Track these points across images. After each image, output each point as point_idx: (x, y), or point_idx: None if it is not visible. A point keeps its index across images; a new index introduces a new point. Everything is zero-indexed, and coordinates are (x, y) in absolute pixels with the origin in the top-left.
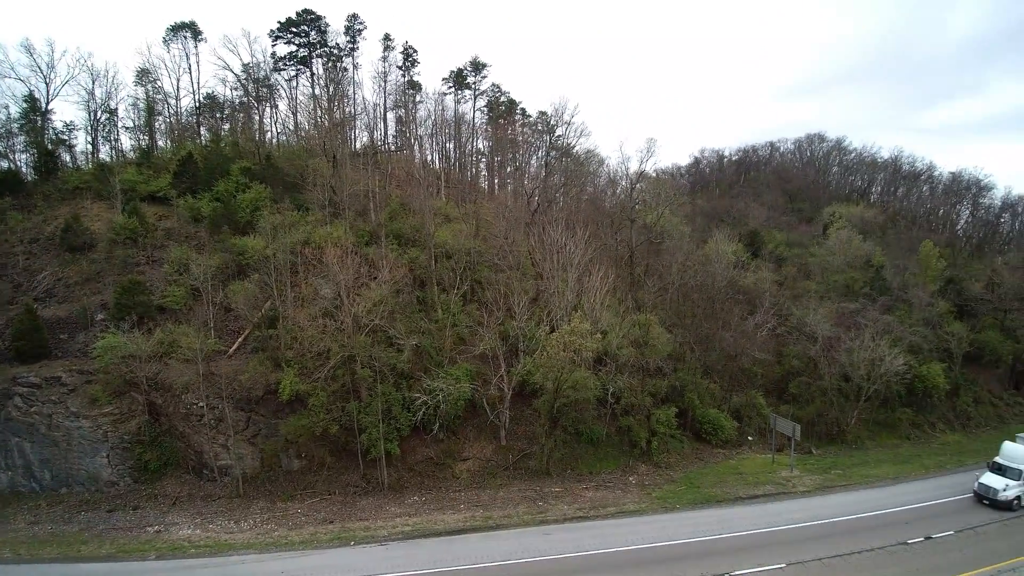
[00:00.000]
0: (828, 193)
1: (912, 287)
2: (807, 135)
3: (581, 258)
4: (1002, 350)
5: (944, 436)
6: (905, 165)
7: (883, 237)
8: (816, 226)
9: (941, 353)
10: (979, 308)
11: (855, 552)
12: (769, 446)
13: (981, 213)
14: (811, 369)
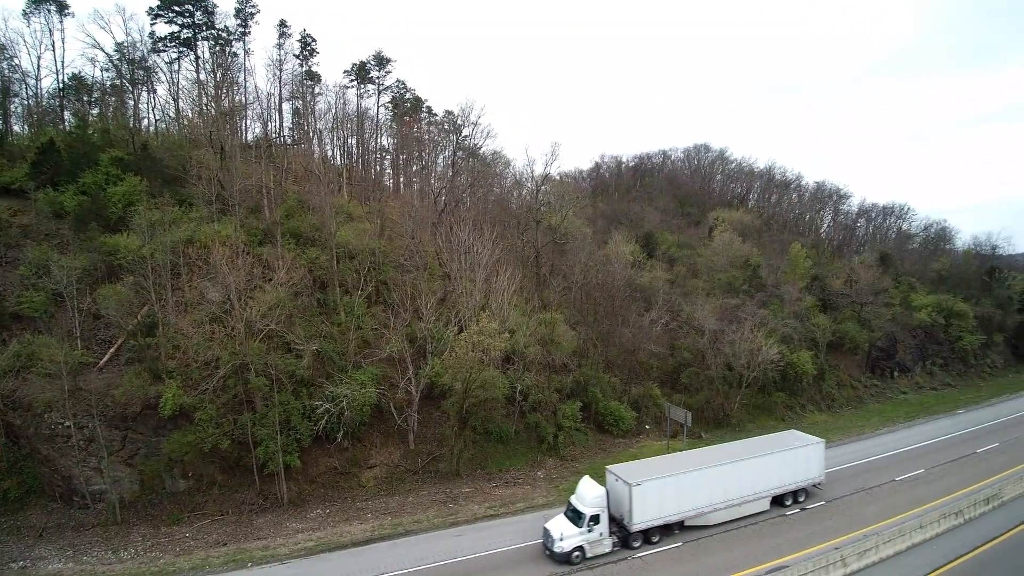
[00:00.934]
0: (713, 199)
1: (784, 284)
2: (695, 145)
3: (489, 258)
4: (859, 338)
5: (812, 416)
6: (777, 175)
7: (759, 239)
8: (703, 229)
9: (809, 342)
10: (840, 302)
11: (742, 526)
12: (664, 433)
13: (841, 218)
14: (700, 360)
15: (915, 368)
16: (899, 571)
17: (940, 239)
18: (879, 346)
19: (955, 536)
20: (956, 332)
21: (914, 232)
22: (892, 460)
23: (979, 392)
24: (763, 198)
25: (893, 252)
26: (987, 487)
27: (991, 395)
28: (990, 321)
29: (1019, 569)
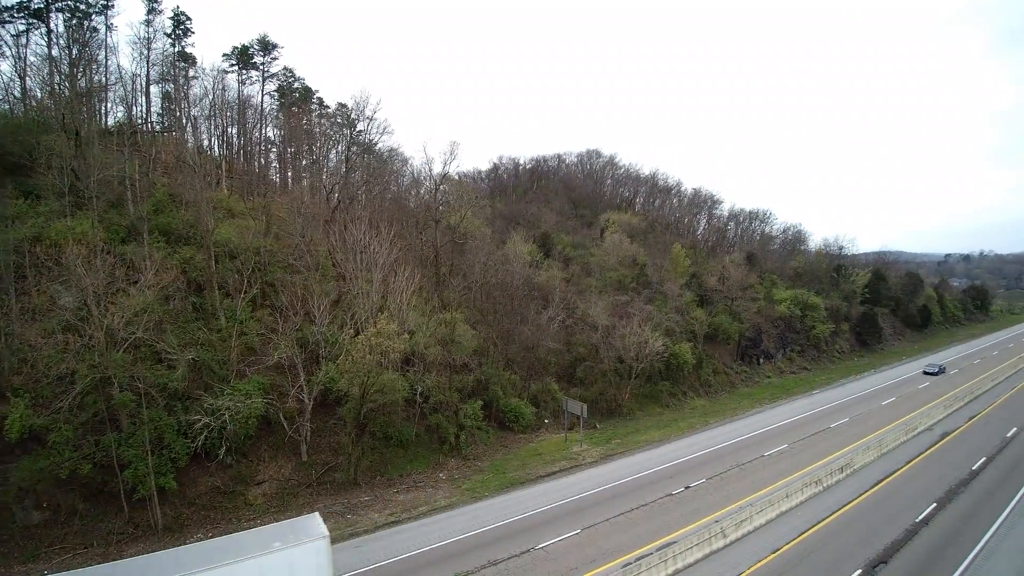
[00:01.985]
0: (604, 202)
1: (667, 281)
2: (587, 150)
3: (386, 258)
4: (731, 330)
5: (693, 402)
6: (660, 181)
7: (646, 240)
8: (595, 230)
9: (688, 334)
10: (714, 297)
11: (634, 508)
12: (562, 426)
13: (714, 222)
14: (594, 354)
15: (777, 355)
16: (770, 537)
17: (796, 240)
18: (747, 336)
19: (816, 502)
20: (810, 322)
21: (775, 234)
22: (761, 438)
23: (830, 374)
24: (648, 202)
25: (758, 252)
26: (841, 457)
27: (840, 376)
28: (838, 312)
29: (870, 528)
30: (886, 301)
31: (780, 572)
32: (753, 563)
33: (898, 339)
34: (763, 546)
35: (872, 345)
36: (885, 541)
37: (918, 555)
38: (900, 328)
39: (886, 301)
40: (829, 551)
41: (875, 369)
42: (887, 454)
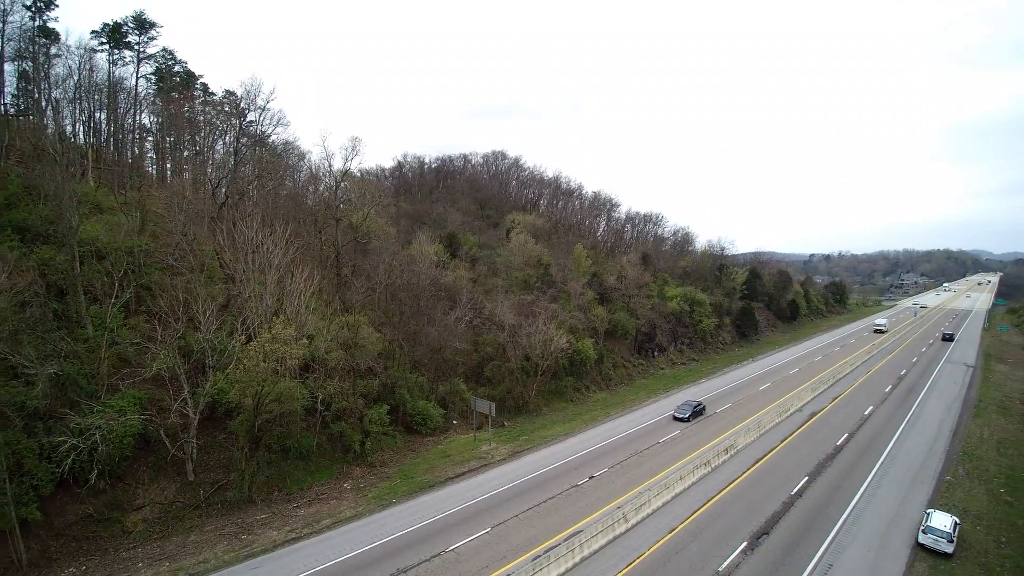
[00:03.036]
0: (510, 203)
1: (570, 281)
2: (493, 151)
3: (282, 259)
4: (629, 326)
5: (595, 395)
6: (564, 184)
7: (549, 241)
8: (501, 230)
9: (590, 331)
10: (613, 295)
11: (543, 502)
12: (471, 426)
13: (613, 224)
14: (501, 353)
15: (670, 348)
16: (667, 518)
17: (685, 242)
18: (643, 331)
19: (706, 482)
20: (698, 317)
21: (667, 236)
22: (656, 426)
23: (715, 364)
24: (552, 204)
25: (652, 253)
26: (726, 440)
27: (724, 365)
28: (721, 307)
29: (753, 503)
30: (761, 296)
31: (676, 550)
32: (652, 544)
33: (772, 330)
34: (661, 526)
35: (750, 336)
36: (766, 514)
37: (795, 524)
38: (773, 320)
39: (761, 296)
40: (718, 526)
41: (753, 358)
42: (765, 434)
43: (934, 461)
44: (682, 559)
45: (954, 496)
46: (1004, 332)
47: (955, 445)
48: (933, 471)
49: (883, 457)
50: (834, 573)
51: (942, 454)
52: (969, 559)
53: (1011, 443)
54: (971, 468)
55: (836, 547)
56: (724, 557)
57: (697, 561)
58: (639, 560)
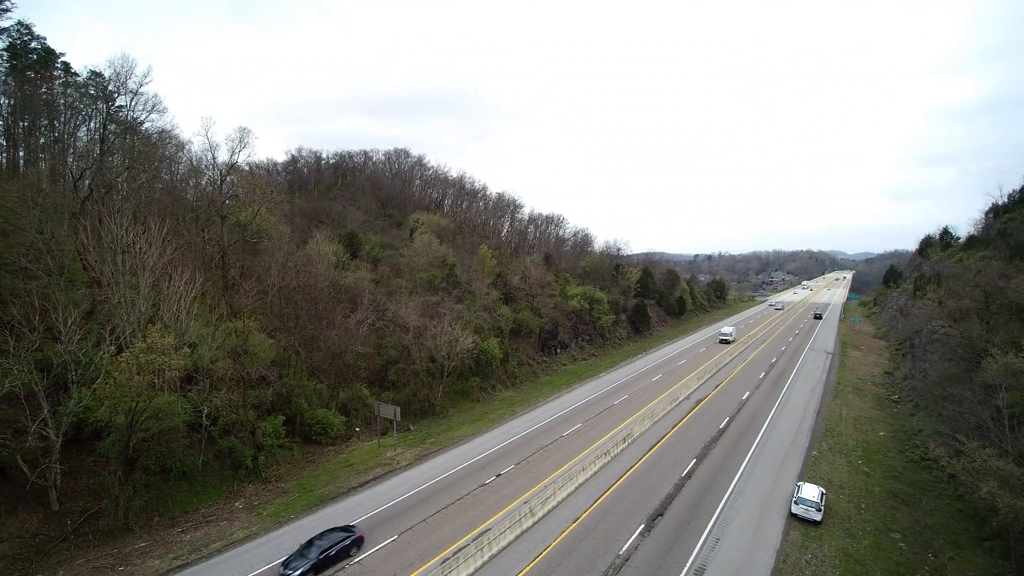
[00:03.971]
0: (413, 202)
1: (475, 281)
2: (395, 149)
3: (157, 259)
4: (533, 324)
5: (501, 394)
6: (468, 184)
7: (454, 241)
8: (404, 230)
9: (496, 330)
10: (517, 295)
11: (450, 504)
12: (375, 432)
13: (517, 225)
14: (406, 356)
15: (571, 344)
16: (571, 509)
17: (585, 243)
18: (547, 329)
19: (607, 471)
20: (597, 314)
21: (567, 237)
22: (560, 420)
23: (613, 359)
24: (456, 204)
25: (554, 253)
26: (623, 429)
27: (620, 360)
28: (617, 304)
29: (649, 487)
30: (653, 294)
31: (580, 538)
32: (558, 535)
33: (662, 325)
34: (566, 517)
35: (644, 331)
36: (660, 496)
37: (686, 504)
38: (663, 316)
39: (653, 294)
40: (618, 512)
41: (646, 352)
42: (658, 422)
43: (802, 438)
44: (586, 546)
45: (820, 469)
46: (857, 323)
47: (819, 423)
48: (802, 447)
49: (759, 437)
50: (721, 546)
51: (808, 432)
52: (835, 525)
53: (865, 420)
54: (833, 443)
55: (722, 522)
56: (624, 540)
57: (600, 547)
58: (546, 552)
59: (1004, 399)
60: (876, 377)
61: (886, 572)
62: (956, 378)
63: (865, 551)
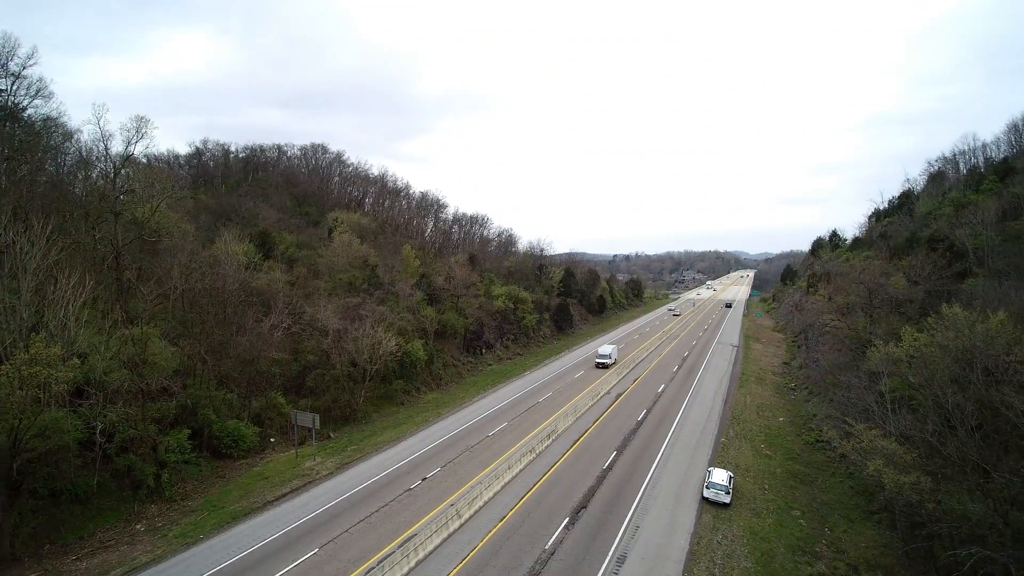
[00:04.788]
0: (332, 200)
1: (398, 282)
2: (312, 144)
3: (42, 261)
4: (458, 325)
5: (426, 396)
6: (390, 182)
7: (376, 241)
8: (322, 229)
9: (420, 332)
10: (442, 295)
11: (375, 511)
12: (292, 442)
13: (441, 224)
14: (325, 361)
15: (496, 344)
16: (498, 508)
17: (509, 243)
18: (472, 329)
19: (532, 468)
20: (521, 314)
21: (492, 237)
22: (486, 420)
23: (537, 357)
24: (378, 202)
25: (478, 253)
26: (548, 426)
27: (545, 358)
28: (541, 304)
29: (573, 481)
30: (575, 293)
31: (507, 537)
32: (485, 535)
33: (584, 323)
34: (493, 516)
35: (566, 330)
36: (583, 490)
37: (607, 496)
38: (585, 314)
39: (575, 293)
40: (544, 508)
41: (569, 349)
42: (581, 417)
43: (712, 426)
44: (512, 544)
45: (728, 454)
46: (759, 318)
47: (727, 412)
48: (712, 435)
49: (673, 427)
50: (641, 533)
51: (717, 420)
52: (742, 505)
53: (767, 407)
54: (739, 430)
55: (641, 510)
56: (550, 535)
57: (526, 544)
58: (473, 553)
59: (886, 385)
60: (776, 367)
61: (788, 547)
62: (844, 366)
63: (769, 528)
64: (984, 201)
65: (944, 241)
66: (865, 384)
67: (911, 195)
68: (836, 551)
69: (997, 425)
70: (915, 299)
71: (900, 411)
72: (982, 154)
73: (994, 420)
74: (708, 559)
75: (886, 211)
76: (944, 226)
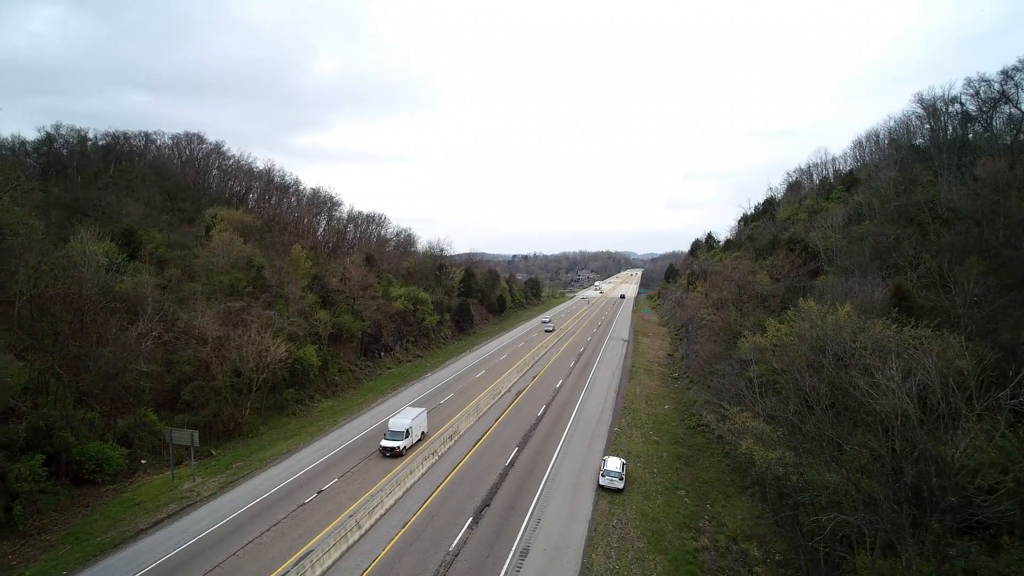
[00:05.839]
0: (210, 195)
1: (287, 284)
2: (186, 133)
3: None
4: (354, 328)
5: (321, 404)
6: (277, 177)
7: (262, 240)
8: (199, 227)
9: (313, 336)
10: (337, 297)
11: (266, 530)
12: (168, 463)
13: (335, 223)
14: (203, 372)
15: (396, 347)
16: (401, 514)
17: (408, 243)
18: (369, 332)
19: (435, 470)
20: (421, 315)
21: (390, 237)
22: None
23: (439, 358)
24: (263, 199)
25: (376, 253)
26: (450, 427)
27: (446, 359)
28: (442, 304)
29: (476, 480)
30: (476, 293)
31: (410, 543)
32: (387, 543)
33: (485, 323)
34: (395, 523)
35: (467, 330)
36: (487, 487)
37: (510, 492)
38: (486, 314)
39: (476, 293)
40: (447, 510)
41: (470, 349)
42: (483, 416)
43: (606, 417)
44: (416, 550)
45: (621, 443)
46: (646, 313)
47: (619, 403)
48: (606, 425)
49: (571, 420)
50: (542, 525)
51: (611, 411)
52: (634, 489)
53: (654, 396)
54: (630, 419)
55: (542, 502)
56: (454, 536)
57: (430, 547)
58: (375, 563)
59: (754, 371)
60: (661, 359)
61: (675, 525)
62: (719, 356)
63: (659, 509)
64: (833, 208)
65: (800, 243)
66: (737, 371)
67: (773, 202)
68: (716, 525)
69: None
70: (777, 294)
71: (766, 394)
72: (832, 167)
73: (844, 399)
74: (605, 543)
75: (752, 216)
76: (800, 230)
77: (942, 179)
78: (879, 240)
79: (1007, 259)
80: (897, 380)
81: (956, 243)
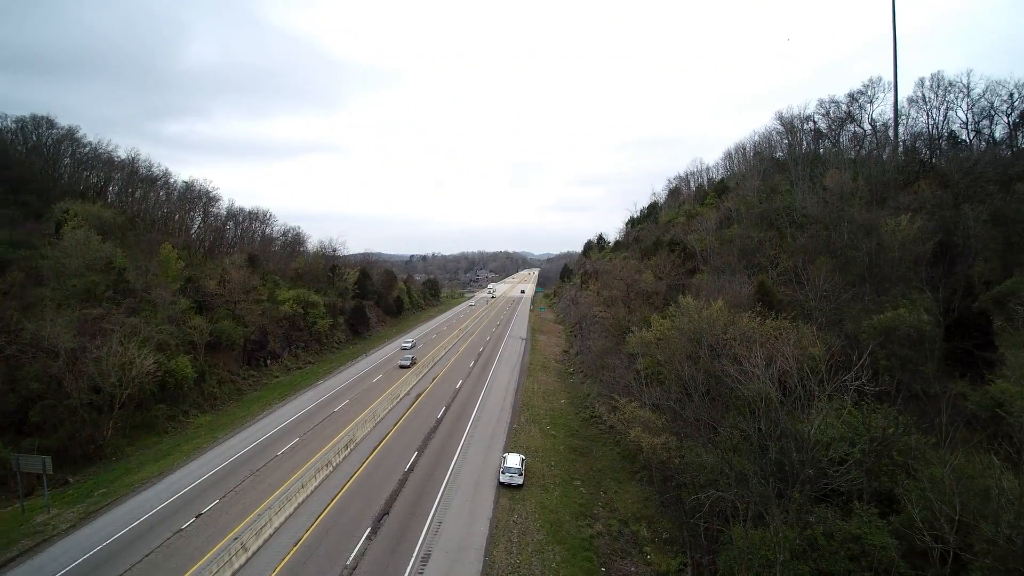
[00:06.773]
0: (60, 187)
1: (156, 287)
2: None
3: None
4: (235, 335)
5: (198, 419)
6: (143, 168)
7: (124, 239)
8: (47, 224)
9: (187, 345)
10: (215, 302)
11: (134, 564)
12: (16, 494)
13: (211, 220)
14: (55, 389)
15: (284, 353)
16: (292, 531)
17: (296, 242)
18: (253, 339)
19: (330, 482)
20: (312, 319)
21: (276, 236)
22: (273, 438)
23: (332, 364)
24: (126, 192)
25: (260, 253)
26: (345, 436)
27: (340, 364)
28: (335, 307)
29: (374, 488)
30: (371, 295)
31: (304, 560)
32: (278, 563)
33: (382, 325)
34: (287, 542)
35: (363, 333)
36: (385, 495)
37: (410, 497)
38: (383, 316)
39: (371, 295)
40: (344, 522)
41: (366, 353)
42: (381, 422)
43: (506, 415)
44: (311, 567)
45: (520, 439)
46: (542, 312)
47: (518, 399)
48: (506, 423)
49: (472, 419)
50: (443, 528)
51: (511, 408)
52: (533, 484)
53: (551, 392)
54: (529, 415)
55: (443, 505)
56: (351, 549)
57: (325, 564)
58: None
59: (641, 364)
60: (558, 356)
61: (572, 514)
62: (610, 351)
63: (556, 500)
64: (707, 213)
65: (680, 244)
66: (626, 364)
67: (656, 206)
68: (610, 511)
69: (720, 390)
70: (661, 292)
71: (652, 385)
72: (706, 175)
73: (718, 386)
74: (506, 539)
75: (638, 219)
76: (679, 232)
77: (797, 188)
78: (745, 242)
79: (850, 259)
80: (761, 367)
81: (808, 245)
